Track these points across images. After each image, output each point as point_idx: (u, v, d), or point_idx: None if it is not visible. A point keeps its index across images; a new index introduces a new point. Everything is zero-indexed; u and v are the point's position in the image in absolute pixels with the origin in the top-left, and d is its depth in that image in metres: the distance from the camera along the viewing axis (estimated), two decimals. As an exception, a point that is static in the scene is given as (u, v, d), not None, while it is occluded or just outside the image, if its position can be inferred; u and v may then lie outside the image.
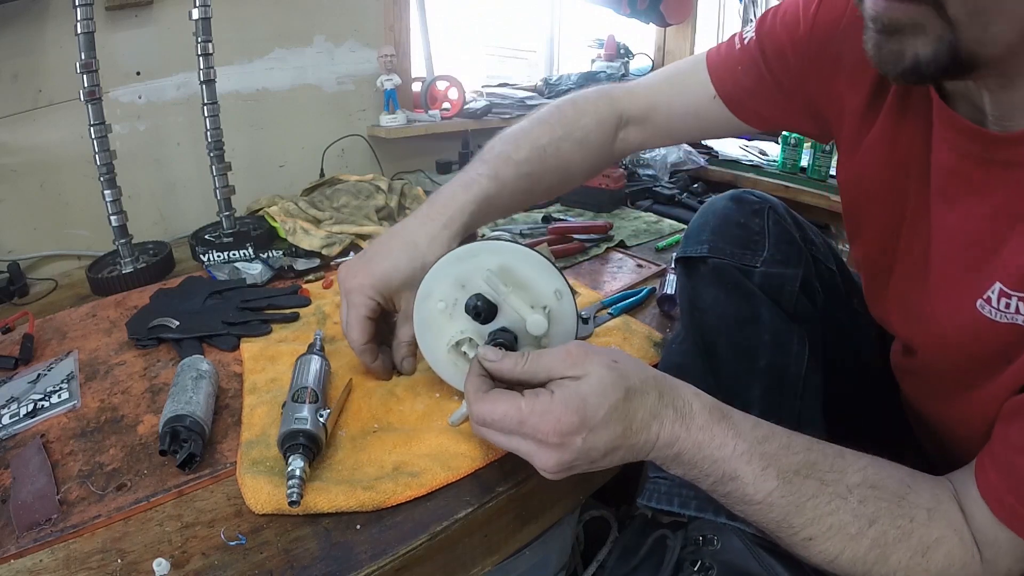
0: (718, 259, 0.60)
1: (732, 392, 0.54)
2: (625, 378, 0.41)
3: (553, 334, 0.55)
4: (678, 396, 0.43)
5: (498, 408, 0.42)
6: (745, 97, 0.62)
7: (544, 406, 0.40)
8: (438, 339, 0.57)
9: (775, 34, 0.57)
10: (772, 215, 0.63)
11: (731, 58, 0.62)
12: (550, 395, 0.41)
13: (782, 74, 0.58)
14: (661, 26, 2.02)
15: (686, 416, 0.42)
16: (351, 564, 0.44)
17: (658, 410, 0.42)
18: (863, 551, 0.40)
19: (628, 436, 0.41)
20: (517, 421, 0.41)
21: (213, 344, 0.75)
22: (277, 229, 1.08)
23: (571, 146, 0.65)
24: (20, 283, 0.95)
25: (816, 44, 0.53)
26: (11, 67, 0.96)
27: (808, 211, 1.56)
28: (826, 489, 0.41)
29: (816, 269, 0.65)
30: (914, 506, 0.41)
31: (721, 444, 0.41)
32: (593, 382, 0.41)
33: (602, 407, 0.40)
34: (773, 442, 0.42)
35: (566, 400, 0.40)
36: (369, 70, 1.43)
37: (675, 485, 0.52)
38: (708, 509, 0.50)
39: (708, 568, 0.48)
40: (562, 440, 0.40)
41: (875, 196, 0.51)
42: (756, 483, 0.41)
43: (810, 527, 0.40)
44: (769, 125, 0.64)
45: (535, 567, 0.67)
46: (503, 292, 0.52)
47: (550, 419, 0.40)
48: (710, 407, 0.43)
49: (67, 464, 0.55)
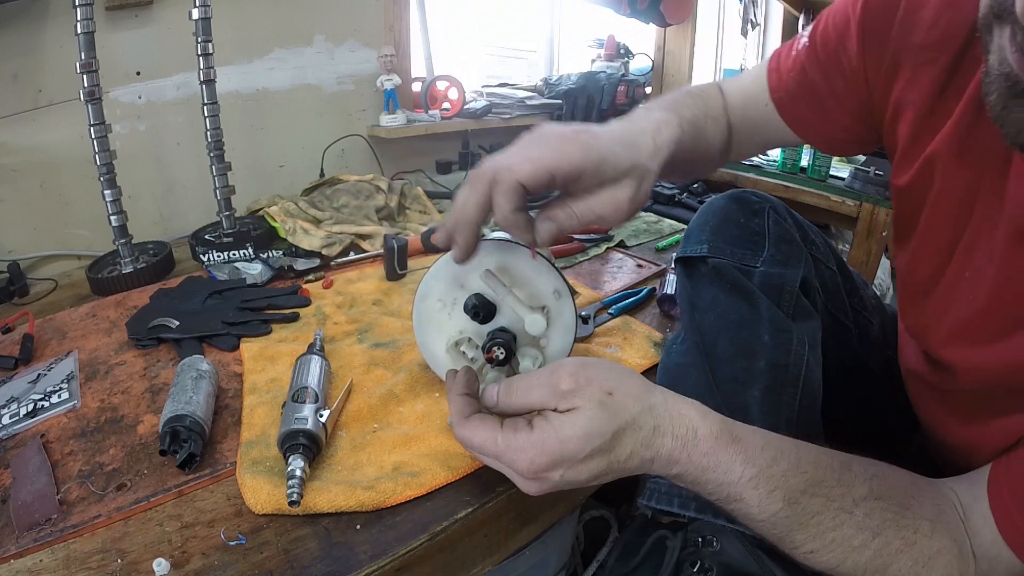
0: (718, 259, 0.60)
1: (731, 392, 0.54)
2: (616, 417, 0.39)
3: (552, 335, 0.55)
4: (679, 423, 0.41)
5: (475, 437, 0.42)
6: (792, 102, 0.58)
7: (520, 443, 0.39)
8: (437, 339, 0.57)
9: (827, 35, 0.54)
10: (772, 215, 0.63)
11: (785, 64, 0.58)
12: (528, 432, 0.40)
13: (835, 75, 0.54)
14: (661, 26, 2.02)
15: (688, 443, 0.40)
16: (351, 564, 0.44)
17: (651, 440, 0.40)
18: (865, 561, 0.40)
19: (613, 467, 0.40)
20: (494, 454, 0.41)
21: (213, 344, 0.75)
22: (277, 229, 1.08)
23: (713, 124, 0.60)
24: (20, 283, 0.95)
25: (870, 37, 0.49)
26: (11, 67, 0.96)
27: (808, 211, 1.57)
28: (832, 505, 0.40)
29: (816, 269, 0.65)
30: (918, 517, 0.41)
31: (727, 470, 0.40)
32: (579, 424, 0.39)
33: (583, 450, 0.38)
34: (782, 463, 0.41)
35: (543, 442, 0.39)
36: (369, 70, 1.43)
37: (675, 486, 0.51)
38: (708, 511, 0.50)
39: (708, 569, 0.48)
40: (537, 476, 0.40)
41: (932, 209, 0.47)
42: (761, 505, 0.40)
43: (812, 541, 0.40)
44: (817, 135, 0.60)
45: (535, 567, 0.67)
46: (502, 292, 0.52)
47: (525, 458, 0.39)
48: (717, 432, 0.41)
49: (67, 464, 0.55)
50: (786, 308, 0.58)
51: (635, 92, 1.73)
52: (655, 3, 1.85)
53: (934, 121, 0.46)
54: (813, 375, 0.56)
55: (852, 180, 1.56)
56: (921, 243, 0.50)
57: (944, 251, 0.47)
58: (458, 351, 0.57)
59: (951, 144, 0.44)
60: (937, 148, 0.46)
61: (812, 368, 0.56)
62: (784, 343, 0.55)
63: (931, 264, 0.49)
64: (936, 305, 0.49)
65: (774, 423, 0.46)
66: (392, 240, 0.93)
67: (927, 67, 0.45)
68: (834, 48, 0.53)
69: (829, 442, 0.45)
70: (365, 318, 0.81)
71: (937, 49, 0.44)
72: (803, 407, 0.53)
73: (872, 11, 0.49)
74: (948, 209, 0.46)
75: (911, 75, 0.47)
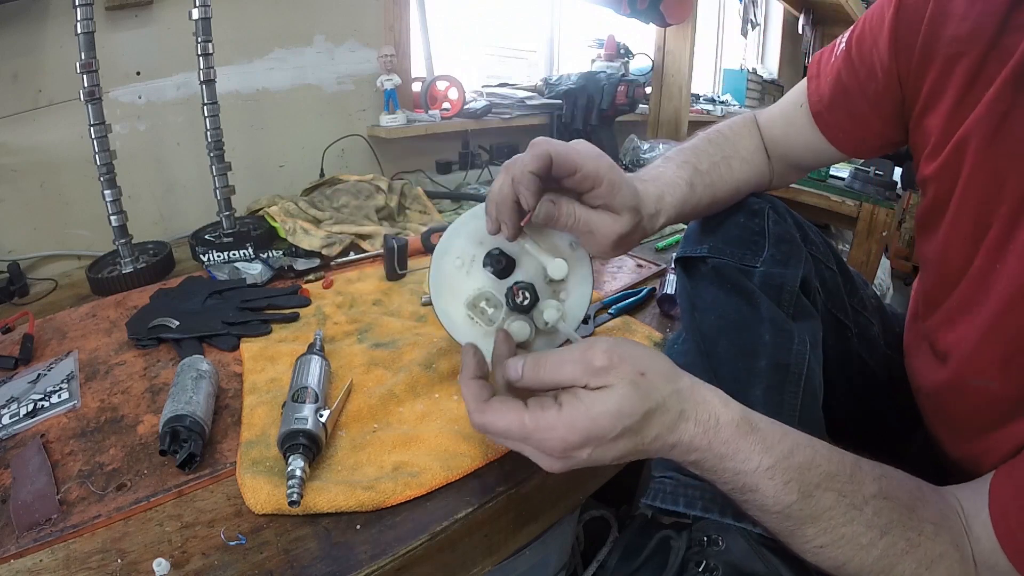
0: (718, 259, 0.60)
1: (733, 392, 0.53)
2: (647, 398, 0.39)
3: (571, 286, 0.55)
4: (703, 409, 0.41)
5: (500, 423, 0.40)
6: (827, 111, 0.59)
7: (550, 422, 0.38)
8: (455, 299, 0.56)
9: (863, 37, 0.55)
10: (772, 215, 0.63)
11: (825, 70, 0.59)
12: (557, 410, 0.39)
13: (869, 79, 0.54)
14: (661, 26, 2.02)
15: (710, 430, 0.41)
16: (351, 564, 0.44)
17: (677, 424, 0.40)
18: (871, 560, 0.40)
19: (639, 448, 0.40)
20: (521, 437, 0.40)
21: (213, 344, 0.75)
22: (277, 229, 1.08)
23: (739, 164, 0.63)
24: (20, 283, 0.95)
25: (902, 31, 0.50)
26: (11, 67, 0.96)
27: (808, 211, 1.57)
28: (843, 500, 0.40)
29: (816, 269, 0.65)
30: (923, 520, 0.41)
31: (746, 459, 0.40)
32: (611, 402, 0.38)
33: (615, 429, 0.38)
34: (798, 455, 0.41)
35: (573, 421, 0.38)
36: (369, 70, 1.43)
37: (680, 485, 0.51)
38: (714, 509, 0.49)
39: (713, 569, 0.48)
40: (566, 455, 0.39)
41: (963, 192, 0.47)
42: (776, 496, 0.40)
43: (822, 536, 0.40)
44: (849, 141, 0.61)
45: (535, 567, 0.67)
46: (522, 241, 0.52)
47: (555, 436, 0.38)
48: (738, 420, 0.41)
49: (67, 464, 0.55)
50: (786, 308, 0.58)
51: (635, 92, 1.73)
52: (655, 3, 1.84)
53: (964, 110, 0.46)
54: (814, 375, 0.56)
55: (852, 180, 1.56)
56: (951, 228, 0.49)
57: (975, 237, 0.47)
58: (477, 309, 0.55)
59: (983, 128, 0.45)
60: (967, 132, 0.46)
61: (813, 368, 0.55)
62: (785, 343, 0.55)
63: (961, 252, 0.48)
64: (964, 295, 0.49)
65: None
66: (392, 240, 0.93)
67: (958, 59, 0.46)
68: (869, 49, 0.54)
69: (830, 442, 0.45)
70: (365, 318, 0.81)
71: (968, 41, 0.44)
72: (805, 407, 0.53)
73: (906, 6, 0.50)
74: (978, 192, 0.46)
75: (942, 67, 0.47)
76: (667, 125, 2.18)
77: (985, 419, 0.47)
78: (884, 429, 0.70)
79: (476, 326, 0.55)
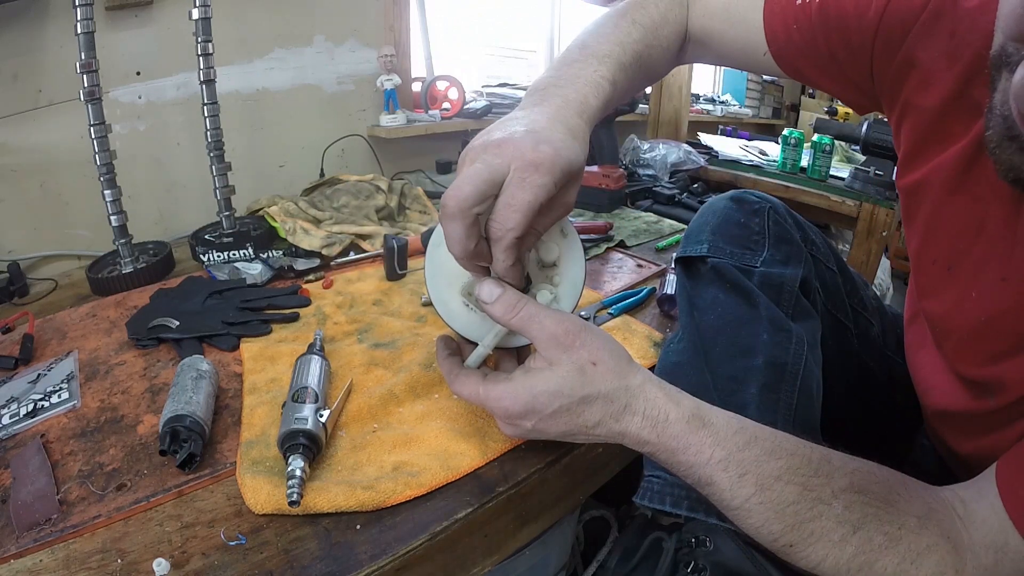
0: (718, 259, 0.60)
1: (729, 391, 0.54)
2: (588, 384, 0.43)
3: (563, 268, 0.55)
4: (652, 405, 0.43)
5: (464, 391, 0.48)
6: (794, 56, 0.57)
7: (498, 392, 0.45)
8: (451, 287, 0.56)
9: (842, 5, 0.52)
10: (772, 215, 0.63)
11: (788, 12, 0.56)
12: (507, 382, 0.45)
13: (840, 47, 0.53)
14: (661, 26, 2.02)
15: (658, 424, 0.43)
16: (351, 564, 0.44)
17: (621, 416, 0.43)
18: (847, 557, 0.39)
19: (582, 430, 0.44)
20: (479, 401, 0.47)
21: (213, 344, 0.75)
22: (277, 229, 1.08)
23: (659, 54, 0.61)
24: (20, 283, 0.95)
25: (886, 34, 0.48)
26: (11, 67, 0.96)
27: (808, 211, 1.57)
28: (808, 495, 0.40)
29: (816, 269, 0.65)
30: (903, 513, 0.40)
31: (697, 452, 0.42)
32: (552, 381, 0.43)
33: (550, 406, 0.43)
34: (755, 448, 0.42)
35: (516, 392, 0.44)
36: (369, 70, 1.43)
37: (667, 484, 0.51)
38: (699, 509, 0.49)
39: (702, 570, 0.48)
40: (512, 422, 0.46)
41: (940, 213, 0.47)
42: (733, 489, 0.41)
43: (790, 533, 0.40)
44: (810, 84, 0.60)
45: (535, 567, 0.67)
46: None
47: (501, 405, 0.45)
48: (688, 416, 0.43)
49: (67, 464, 0.55)
50: (786, 308, 0.58)
51: (635, 92, 1.74)
52: (655, 3, 1.84)
53: (947, 122, 0.46)
54: (812, 374, 0.56)
55: (852, 180, 1.56)
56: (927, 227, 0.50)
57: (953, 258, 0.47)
58: (472, 296, 0.55)
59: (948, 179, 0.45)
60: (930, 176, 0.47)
61: (811, 367, 0.56)
62: (783, 342, 0.55)
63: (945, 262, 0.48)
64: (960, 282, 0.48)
65: (771, 421, 0.46)
66: (392, 240, 0.93)
67: (940, 75, 0.45)
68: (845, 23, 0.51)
69: (829, 442, 0.45)
70: (365, 318, 0.81)
71: (952, 58, 0.44)
72: (800, 406, 0.53)
73: (894, 13, 0.48)
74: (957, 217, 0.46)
75: (922, 78, 0.47)
76: (667, 125, 2.19)
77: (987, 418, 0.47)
78: (884, 429, 0.70)
79: (472, 312, 0.55)
